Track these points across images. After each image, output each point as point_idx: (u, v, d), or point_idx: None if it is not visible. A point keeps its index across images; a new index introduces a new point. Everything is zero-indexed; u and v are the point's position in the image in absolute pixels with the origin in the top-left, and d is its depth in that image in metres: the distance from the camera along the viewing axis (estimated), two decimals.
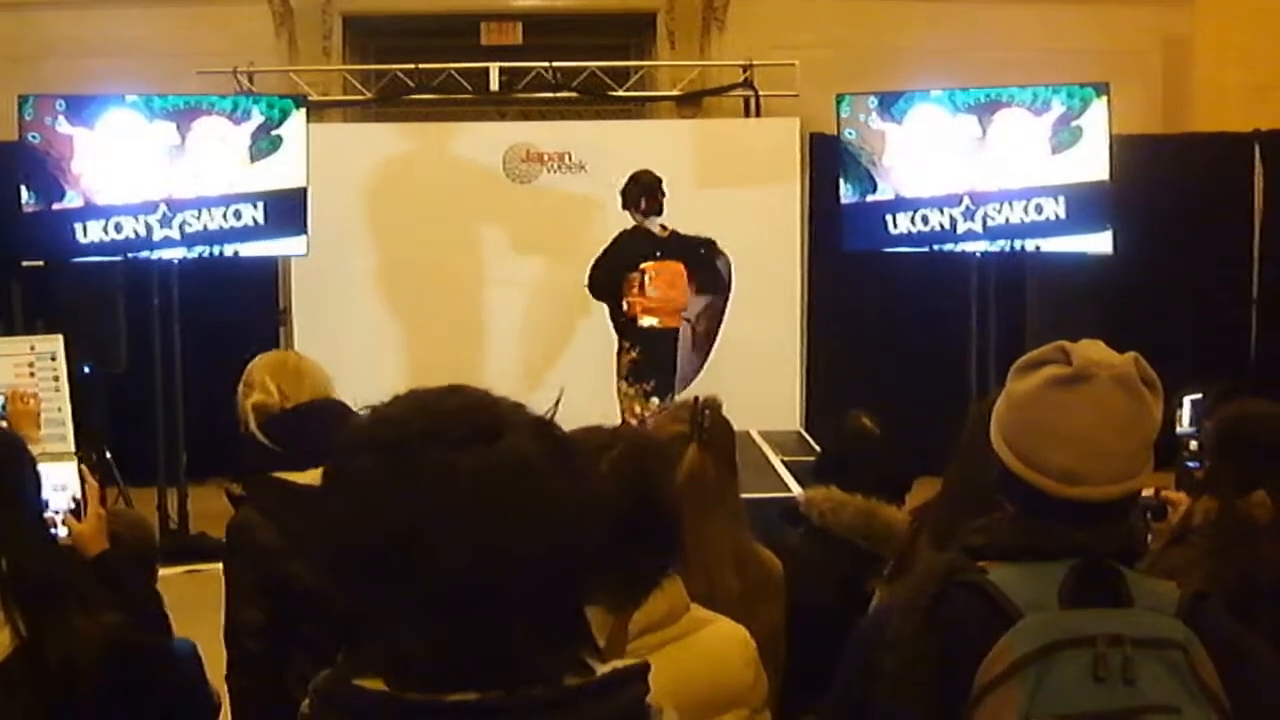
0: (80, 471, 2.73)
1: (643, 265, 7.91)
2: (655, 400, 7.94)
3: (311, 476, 2.99)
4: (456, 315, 9.79)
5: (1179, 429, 4.84)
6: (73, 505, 2.78)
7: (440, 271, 9.75)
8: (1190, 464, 4.33)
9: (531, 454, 1.25)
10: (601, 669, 1.29)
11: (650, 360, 8.01)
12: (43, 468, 2.66)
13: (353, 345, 8.85)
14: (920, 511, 3.02)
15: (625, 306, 7.95)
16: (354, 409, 1.42)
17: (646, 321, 7.97)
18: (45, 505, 2.61)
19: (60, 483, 2.78)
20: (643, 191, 7.99)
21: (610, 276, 7.98)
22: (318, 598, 1.34)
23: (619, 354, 8.05)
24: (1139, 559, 1.92)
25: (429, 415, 1.27)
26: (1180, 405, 4.93)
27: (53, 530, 2.66)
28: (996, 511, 1.96)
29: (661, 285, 7.97)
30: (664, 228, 8.03)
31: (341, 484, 1.28)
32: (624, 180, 8.09)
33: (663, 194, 8.00)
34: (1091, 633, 1.76)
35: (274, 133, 8.56)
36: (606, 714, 1.26)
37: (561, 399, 1.41)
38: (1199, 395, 4.95)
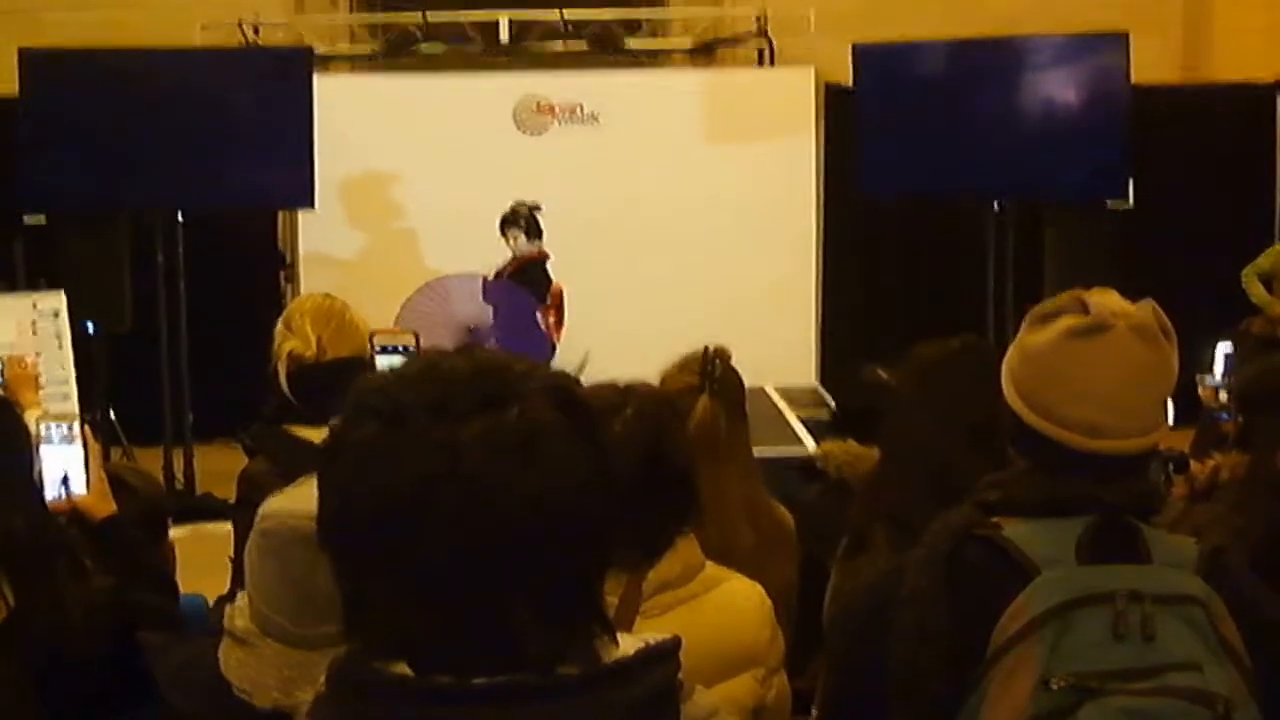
0: (83, 433, 2.66)
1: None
2: None
3: (322, 434, 2.94)
4: (465, 269, 9.71)
5: (1209, 380, 4.78)
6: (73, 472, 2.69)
7: (449, 225, 9.67)
8: (1221, 416, 4.29)
9: (542, 423, 1.18)
10: (630, 645, 1.23)
11: None
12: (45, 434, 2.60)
13: (360, 300, 8.73)
14: (868, 495, 2.92)
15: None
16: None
17: None
18: (35, 469, 2.55)
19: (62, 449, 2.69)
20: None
21: None
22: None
23: None
24: (1157, 514, 1.89)
25: (435, 382, 1.19)
26: (1212, 357, 4.87)
27: (54, 494, 2.60)
28: (989, 476, 1.93)
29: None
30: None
31: (342, 452, 1.22)
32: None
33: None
34: (1110, 589, 1.73)
35: (280, 86, 8.46)
36: (639, 694, 1.20)
37: (586, 361, 1.34)
38: (1231, 348, 4.90)
